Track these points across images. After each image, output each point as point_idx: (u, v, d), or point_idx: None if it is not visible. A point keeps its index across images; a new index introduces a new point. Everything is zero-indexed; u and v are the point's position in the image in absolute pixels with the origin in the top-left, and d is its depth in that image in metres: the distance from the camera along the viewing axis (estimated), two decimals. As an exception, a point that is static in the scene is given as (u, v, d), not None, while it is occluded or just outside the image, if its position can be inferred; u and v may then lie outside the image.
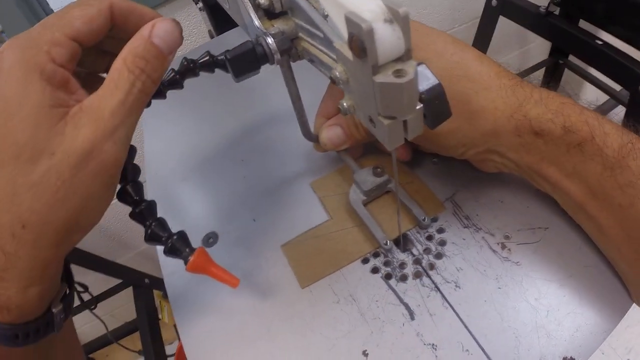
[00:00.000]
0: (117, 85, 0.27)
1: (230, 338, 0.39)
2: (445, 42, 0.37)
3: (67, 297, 0.33)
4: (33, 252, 0.27)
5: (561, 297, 0.35)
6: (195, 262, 0.35)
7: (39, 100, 0.26)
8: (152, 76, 0.28)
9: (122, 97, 0.27)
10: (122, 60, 0.28)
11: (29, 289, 0.28)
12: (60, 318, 0.32)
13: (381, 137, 0.26)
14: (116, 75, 0.27)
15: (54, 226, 0.27)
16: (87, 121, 0.27)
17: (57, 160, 0.26)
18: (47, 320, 0.31)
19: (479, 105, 0.35)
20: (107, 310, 1.55)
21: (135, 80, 0.28)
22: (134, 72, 0.27)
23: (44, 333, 0.31)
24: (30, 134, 0.26)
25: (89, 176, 0.27)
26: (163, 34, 0.29)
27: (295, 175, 0.49)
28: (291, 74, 0.37)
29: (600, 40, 0.85)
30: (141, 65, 0.28)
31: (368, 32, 0.20)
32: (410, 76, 0.22)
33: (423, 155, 0.46)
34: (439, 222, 0.41)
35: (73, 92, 0.28)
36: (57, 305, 0.32)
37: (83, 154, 0.26)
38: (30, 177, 0.26)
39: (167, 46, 0.29)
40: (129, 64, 0.27)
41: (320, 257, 0.41)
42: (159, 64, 0.29)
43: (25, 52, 0.26)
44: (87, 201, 0.28)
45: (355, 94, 0.26)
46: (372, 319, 0.37)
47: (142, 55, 0.28)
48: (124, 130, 0.28)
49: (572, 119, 0.33)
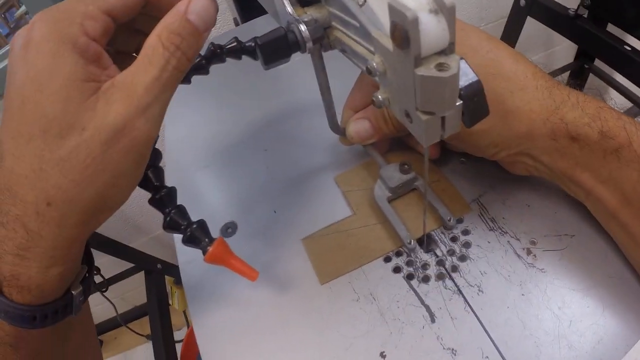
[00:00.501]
0: (151, 61, 0.27)
1: (244, 330, 0.38)
2: (480, 38, 0.35)
3: (86, 279, 0.33)
4: (57, 231, 0.27)
5: (585, 308, 0.34)
6: (214, 253, 0.34)
7: (70, 73, 0.25)
8: (187, 53, 0.27)
9: (156, 73, 0.26)
10: (156, 36, 0.27)
11: (50, 269, 0.28)
12: (80, 300, 0.32)
13: (417, 133, 0.25)
14: (150, 51, 0.27)
15: (80, 204, 0.27)
16: (120, 97, 0.26)
17: (88, 135, 0.25)
18: (66, 302, 0.31)
19: (514, 106, 0.34)
20: (118, 293, 1.57)
21: (170, 57, 0.27)
22: (168, 49, 0.27)
23: (62, 315, 0.31)
24: (60, 108, 0.25)
25: (119, 153, 0.26)
26: (199, 10, 0.28)
27: (319, 168, 0.48)
28: (322, 64, 0.36)
29: (628, 45, 0.83)
30: (176, 41, 0.27)
31: (413, 22, 0.20)
32: (454, 70, 0.21)
33: (451, 154, 0.45)
34: (464, 223, 0.40)
35: (105, 67, 0.27)
36: (77, 287, 0.31)
37: (115, 130, 0.26)
38: (58, 152, 0.25)
39: (203, 23, 0.28)
40: (163, 40, 0.27)
41: (341, 253, 0.40)
42: (194, 41, 0.28)
43: (58, 24, 0.26)
44: (116, 179, 0.27)
45: (393, 86, 0.25)
46: (391, 319, 0.36)
47: (178, 32, 0.27)
48: (157, 108, 0.27)
49: (609, 124, 0.32)
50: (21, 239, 0.27)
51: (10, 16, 1.15)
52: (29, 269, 0.27)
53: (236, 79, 0.64)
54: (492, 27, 1.30)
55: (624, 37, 0.86)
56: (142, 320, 1.54)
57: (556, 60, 1.51)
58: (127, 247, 1.31)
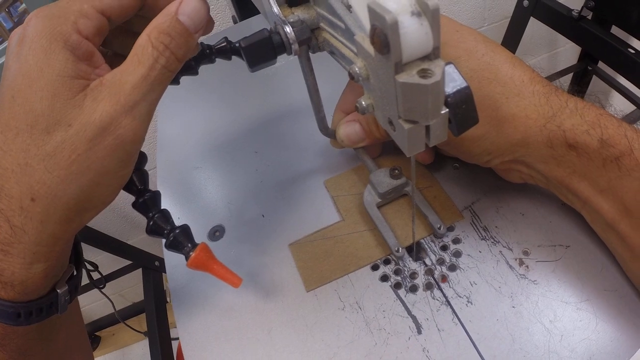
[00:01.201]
0: (140, 60, 0.27)
1: (229, 337, 0.38)
2: (476, 40, 0.34)
3: (73, 278, 0.33)
4: (41, 227, 0.27)
5: (577, 322, 0.33)
6: (197, 259, 0.34)
7: (60, 69, 0.26)
8: (176, 53, 0.28)
9: (144, 72, 0.27)
10: (146, 35, 0.27)
11: (33, 266, 0.28)
12: (65, 300, 0.31)
13: (400, 142, 0.24)
14: (140, 51, 0.27)
15: (64, 201, 0.26)
16: (107, 94, 0.26)
17: (73, 132, 0.26)
18: (51, 300, 0.31)
19: (509, 112, 0.33)
20: (116, 290, 1.57)
21: (159, 56, 0.27)
22: (157, 48, 0.27)
23: (47, 313, 0.30)
24: (47, 104, 0.25)
25: (105, 151, 0.26)
26: (190, 12, 0.28)
27: (309, 172, 0.47)
28: (309, 66, 0.35)
29: (632, 48, 0.81)
30: (165, 41, 0.27)
31: (392, 25, 0.18)
32: (437, 77, 0.20)
33: (444, 159, 0.44)
34: (455, 231, 0.39)
35: (97, 66, 0.28)
36: (62, 286, 0.31)
37: (100, 127, 0.26)
38: (44, 147, 0.25)
39: (194, 24, 0.28)
40: (153, 39, 0.27)
41: (328, 259, 0.39)
42: (183, 42, 0.28)
43: (52, 21, 0.26)
44: (101, 177, 0.27)
45: (376, 92, 0.24)
46: (377, 329, 0.35)
47: (167, 32, 0.27)
48: (145, 107, 0.27)
49: (609, 132, 0.31)
50: (5, 234, 0.27)
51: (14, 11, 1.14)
52: (12, 264, 0.27)
53: (228, 80, 0.63)
54: (495, 27, 1.28)
55: (629, 40, 0.85)
56: (140, 317, 1.54)
57: (559, 61, 1.50)
58: (125, 244, 1.31)
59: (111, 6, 0.28)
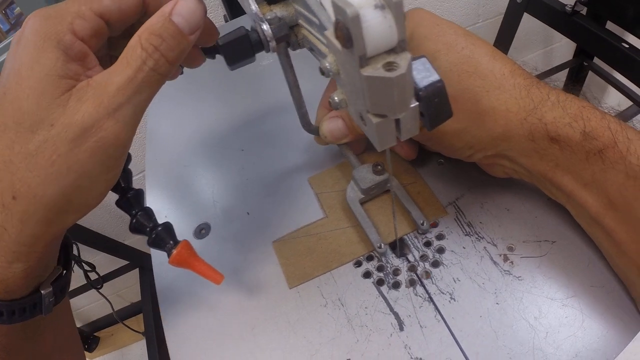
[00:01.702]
0: (128, 61, 0.26)
1: (214, 335, 0.37)
2: (457, 34, 0.34)
3: (60, 280, 0.32)
4: (20, 227, 0.27)
5: (563, 318, 0.32)
6: (178, 256, 0.34)
7: (49, 68, 0.25)
8: (166, 55, 0.27)
9: (130, 73, 0.26)
10: (137, 36, 0.27)
11: (13, 265, 0.28)
12: (50, 301, 0.31)
13: (371, 137, 0.24)
14: (129, 52, 0.26)
15: (44, 201, 0.26)
16: (92, 96, 0.26)
17: (55, 132, 0.25)
18: (35, 301, 0.30)
19: (489, 106, 0.32)
20: (115, 290, 1.57)
21: (148, 57, 0.26)
22: (147, 50, 0.26)
23: (30, 314, 0.30)
24: (34, 102, 0.25)
25: (86, 153, 0.26)
26: (185, 13, 0.27)
27: (294, 169, 0.47)
28: (289, 63, 0.35)
29: (627, 43, 0.81)
30: (156, 42, 0.26)
31: (353, 19, 0.18)
32: (402, 70, 0.20)
33: (429, 155, 0.44)
34: (439, 227, 0.39)
35: (89, 67, 0.27)
36: (47, 287, 0.31)
37: (82, 129, 0.25)
38: (27, 146, 0.25)
39: (188, 25, 0.27)
40: (143, 40, 0.26)
41: (311, 256, 0.39)
42: (175, 44, 0.27)
43: (48, 21, 0.26)
44: (82, 180, 0.27)
45: (346, 87, 0.24)
46: (359, 326, 0.35)
47: (159, 33, 0.26)
48: (130, 109, 0.26)
49: (592, 124, 0.30)
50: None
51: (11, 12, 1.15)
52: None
53: (216, 79, 0.63)
54: (489, 23, 1.28)
55: (624, 35, 0.84)
56: (138, 317, 1.54)
57: (555, 57, 1.49)
58: (121, 245, 1.32)
59: (110, 9, 0.28)
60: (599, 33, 0.85)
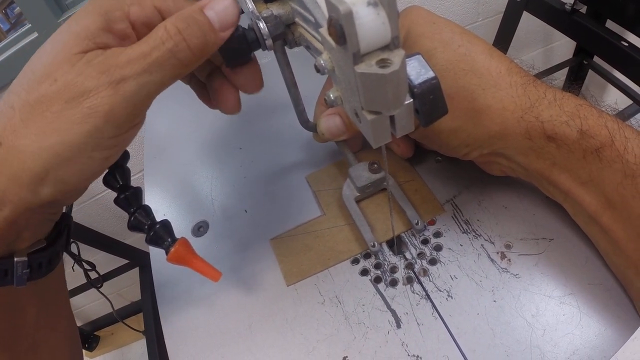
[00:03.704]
0: (147, 40, 0.26)
1: (211, 331, 0.38)
2: (453, 32, 0.34)
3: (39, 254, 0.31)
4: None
5: (560, 316, 0.32)
6: (176, 253, 0.34)
7: (82, 27, 0.25)
8: (189, 40, 0.26)
9: (145, 49, 0.25)
10: (164, 20, 0.27)
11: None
12: (24, 272, 0.29)
13: (366, 133, 0.24)
14: (151, 33, 0.26)
15: (22, 157, 0.25)
16: (100, 61, 0.25)
17: (56, 88, 0.25)
18: (5, 267, 0.29)
19: (485, 104, 0.32)
20: (115, 289, 1.57)
21: (168, 38, 0.25)
22: (169, 31, 0.26)
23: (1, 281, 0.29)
24: (52, 54, 0.25)
25: (75, 118, 0.25)
26: (219, 9, 0.27)
27: (292, 167, 0.47)
28: (286, 60, 0.35)
29: (626, 42, 0.81)
30: (180, 26, 0.26)
31: (346, 16, 0.18)
32: (395, 67, 0.20)
33: (427, 153, 0.44)
34: (437, 225, 0.39)
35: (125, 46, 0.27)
36: (21, 256, 0.29)
37: (79, 91, 0.25)
38: (29, 96, 0.25)
39: (219, 21, 0.27)
40: (167, 23, 0.26)
41: (308, 254, 0.39)
42: (200, 33, 0.26)
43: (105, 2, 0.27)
44: (64, 147, 0.25)
45: (341, 84, 0.24)
46: (356, 323, 0.35)
47: (185, 18, 0.26)
48: (134, 86, 0.25)
49: (589, 122, 0.30)
50: None
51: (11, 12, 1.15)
52: None
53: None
54: (488, 22, 1.27)
55: (623, 34, 0.84)
56: (138, 316, 1.54)
57: (555, 56, 1.48)
58: (121, 244, 1.31)
59: (168, 6, 0.28)
60: (599, 32, 0.84)
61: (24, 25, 1.06)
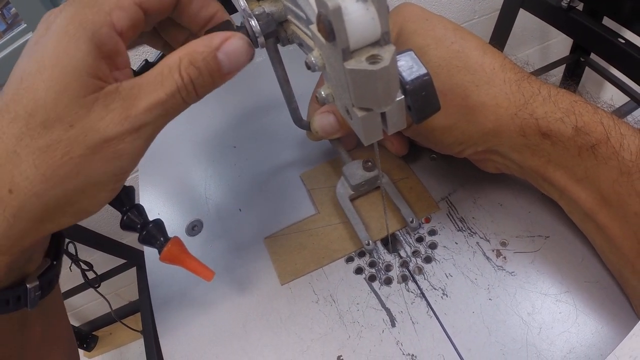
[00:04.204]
0: (163, 82, 0.25)
1: (206, 331, 0.37)
2: (446, 28, 0.34)
3: (47, 273, 0.31)
4: (12, 221, 0.25)
5: (556, 314, 0.32)
6: (168, 252, 0.34)
7: (78, 62, 0.24)
8: (198, 90, 0.27)
9: (163, 97, 0.25)
10: (178, 58, 0.26)
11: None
12: (36, 295, 0.30)
13: (357, 131, 0.24)
14: (167, 72, 0.26)
15: (43, 200, 0.25)
16: (119, 106, 0.25)
17: (73, 134, 0.24)
18: (18, 294, 0.29)
19: (479, 101, 0.32)
20: (113, 289, 1.57)
21: (182, 87, 0.26)
22: (183, 78, 0.26)
23: (14, 306, 0.29)
24: (53, 96, 0.23)
25: (100, 162, 0.25)
26: (232, 52, 0.27)
27: (287, 165, 0.47)
28: (278, 58, 0.34)
29: (623, 39, 0.80)
30: (193, 75, 0.26)
31: (335, 11, 0.18)
32: (385, 63, 0.19)
33: (421, 150, 0.43)
34: (432, 223, 0.39)
35: (119, 67, 0.26)
36: (33, 281, 0.30)
37: (103, 138, 0.24)
38: (37, 141, 0.24)
39: (229, 65, 0.27)
40: (182, 67, 0.26)
41: (302, 253, 0.39)
42: (210, 82, 0.27)
43: (85, 9, 0.24)
44: (89, 186, 0.26)
45: (332, 81, 0.24)
46: (350, 322, 0.35)
47: (199, 66, 0.26)
48: (151, 129, 0.26)
49: (584, 119, 0.30)
50: None
51: (7, 12, 1.14)
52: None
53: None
54: (485, 19, 1.27)
55: (620, 31, 0.84)
56: (136, 315, 1.53)
57: (552, 53, 1.48)
58: (119, 243, 1.31)
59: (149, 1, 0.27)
60: (596, 29, 0.84)
61: (20, 25, 1.06)
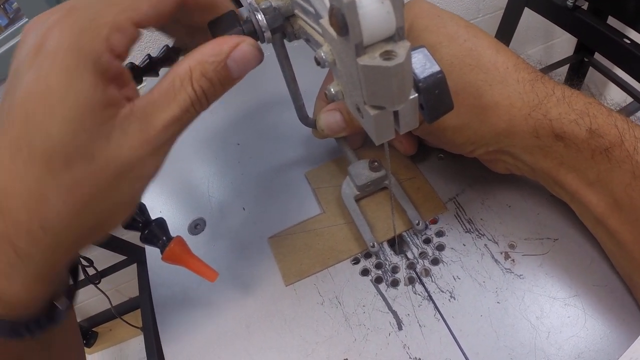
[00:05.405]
0: (175, 97, 0.25)
1: (208, 332, 0.37)
2: (458, 25, 0.33)
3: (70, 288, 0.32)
4: (49, 254, 0.25)
5: (565, 318, 0.32)
6: (171, 252, 0.33)
7: (87, 96, 0.22)
8: (210, 99, 0.26)
9: (177, 112, 0.25)
10: (188, 68, 0.25)
11: (35, 287, 0.27)
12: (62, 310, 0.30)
13: (368, 129, 0.23)
14: (178, 84, 0.25)
15: (77, 232, 0.25)
16: (136, 129, 0.24)
17: (97, 167, 0.23)
18: (53, 314, 0.29)
19: (492, 100, 0.31)
20: (113, 285, 1.56)
21: (196, 100, 0.25)
22: (196, 91, 0.25)
23: (46, 326, 0.29)
24: (70, 135, 0.22)
25: (125, 186, 0.25)
26: (241, 58, 0.26)
27: (291, 163, 0.46)
28: (284, 53, 0.34)
29: (628, 39, 0.80)
30: (205, 86, 0.26)
31: (349, 4, 0.17)
32: (400, 59, 0.19)
33: (429, 150, 0.43)
34: (439, 224, 0.38)
35: (124, 85, 0.25)
36: (62, 301, 0.30)
37: (126, 164, 0.24)
38: (62, 179, 0.23)
39: (238, 71, 0.27)
40: (194, 80, 0.25)
41: (307, 253, 0.38)
42: (221, 90, 0.27)
43: (81, 35, 0.22)
44: (116, 207, 0.26)
45: (342, 78, 0.23)
46: (356, 325, 0.34)
47: (210, 77, 0.26)
48: (169, 145, 0.26)
49: (599, 121, 0.29)
50: (8, 257, 0.24)
51: (9, 7, 1.14)
52: (13, 286, 0.26)
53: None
54: (489, 18, 1.26)
55: (625, 31, 0.83)
56: (136, 312, 1.53)
57: (556, 53, 1.48)
58: (119, 240, 1.30)
59: (148, 16, 0.25)
60: (600, 28, 0.84)
61: (22, 20, 1.05)
